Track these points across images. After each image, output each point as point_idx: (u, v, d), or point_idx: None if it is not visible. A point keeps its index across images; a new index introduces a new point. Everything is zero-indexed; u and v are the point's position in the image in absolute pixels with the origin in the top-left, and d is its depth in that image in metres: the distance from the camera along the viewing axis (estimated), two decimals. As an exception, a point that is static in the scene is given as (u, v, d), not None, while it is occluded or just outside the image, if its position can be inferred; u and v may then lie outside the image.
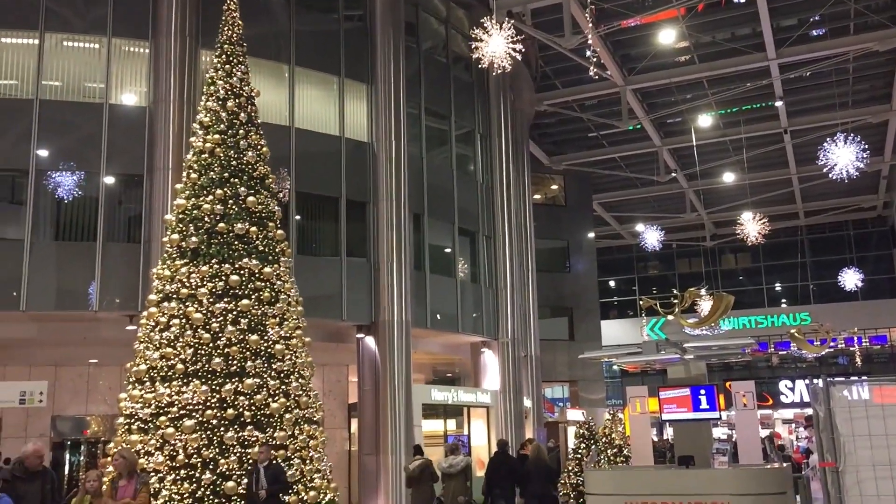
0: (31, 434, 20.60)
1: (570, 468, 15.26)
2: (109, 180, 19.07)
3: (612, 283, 51.05)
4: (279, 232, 15.49)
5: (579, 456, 15.11)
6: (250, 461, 13.18)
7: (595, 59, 19.68)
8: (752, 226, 27.38)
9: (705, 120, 32.06)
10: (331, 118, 21.61)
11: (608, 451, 15.29)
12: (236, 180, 15.05)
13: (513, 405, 24.50)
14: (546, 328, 32.50)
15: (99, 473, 8.39)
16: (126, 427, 13.71)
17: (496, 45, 15.33)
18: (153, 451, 13.17)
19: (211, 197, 14.81)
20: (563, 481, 15.36)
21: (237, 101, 15.56)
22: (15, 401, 19.59)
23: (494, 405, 24.21)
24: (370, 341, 20.82)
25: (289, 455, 13.72)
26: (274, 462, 12.00)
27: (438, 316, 22.85)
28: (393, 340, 20.53)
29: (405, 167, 21.72)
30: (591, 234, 39.14)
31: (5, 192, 19.86)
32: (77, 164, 18.57)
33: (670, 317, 14.73)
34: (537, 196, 36.61)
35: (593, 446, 15.18)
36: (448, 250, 24.35)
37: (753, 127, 33.21)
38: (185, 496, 12.81)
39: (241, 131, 15.40)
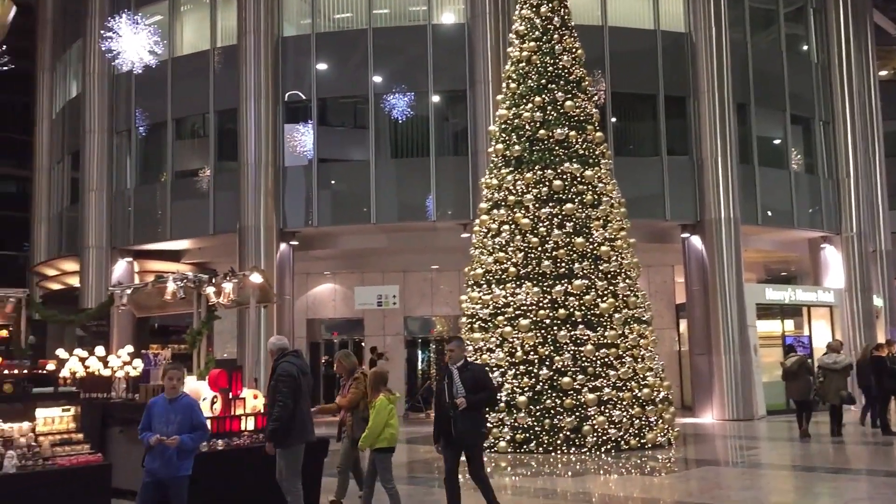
0: (387, 333, 23.26)
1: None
2: (436, 98, 20.31)
3: (982, 165, 43.86)
4: (598, 134, 15.51)
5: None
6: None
7: None
8: None
9: None
10: (644, 12, 20.76)
11: None
12: (553, 86, 15.27)
13: (860, 304, 22.45)
14: (899, 220, 29.01)
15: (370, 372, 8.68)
16: (469, 326, 14.93)
17: None
18: (494, 349, 14.23)
19: (530, 105, 15.21)
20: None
21: (550, 5, 15.61)
22: (374, 303, 22.25)
23: (838, 304, 22.38)
24: (696, 240, 20.19)
25: (620, 353, 14.02)
26: (471, 362, 8.67)
27: (770, 212, 21.43)
28: (721, 239, 19.73)
29: (727, 55, 20.30)
30: (955, 110, 33.75)
31: (349, 118, 22.07)
32: (407, 85, 19.98)
33: None
34: (884, 72, 32.26)
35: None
36: (778, 141, 22.55)
37: None
38: (525, 390, 13.73)
39: (555, 36, 15.49)
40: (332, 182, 20.50)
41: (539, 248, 14.41)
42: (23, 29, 22.95)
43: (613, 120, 19.99)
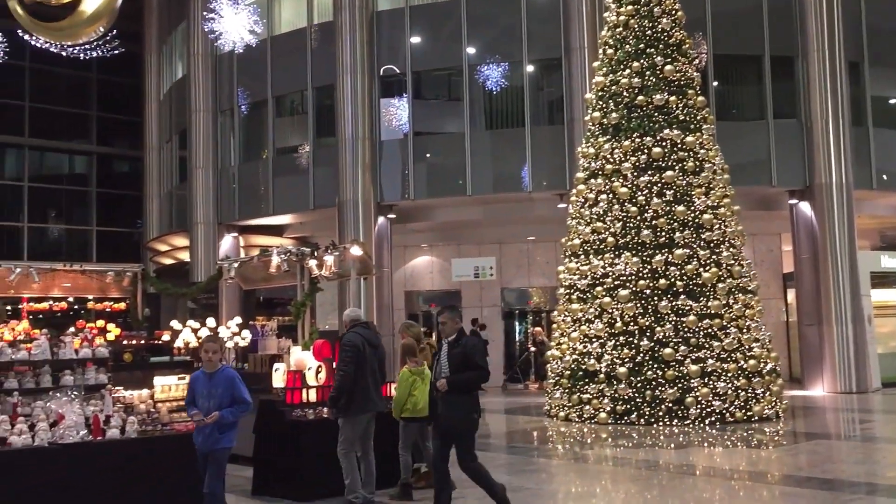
0: (485, 304, 23.34)
1: None
2: (531, 67, 20.07)
3: None
4: (699, 99, 15.03)
5: None
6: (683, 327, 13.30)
7: None
8: None
9: None
10: (748, -32, 19.91)
11: None
12: (652, 50, 14.86)
13: None
14: None
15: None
16: (566, 297, 14.82)
17: None
18: (593, 319, 14.09)
19: (628, 71, 14.87)
20: None
21: (648, -34, 15.14)
22: (470, 275, 22.35)
23: (962, 272, 21.12)
24: (805, 207, 19.37)
25: (725, 324, 13.66)
26: (468, 337, 7.59)
27: (885, 175, 20.32)
28: (832, 204, 18.85)
29: (838, 11, 19.22)
30: None
31: (444, 90, 22.09)
32: (501, 55, 19.81)
33: None
34: None
35: None
36: (895, 100, 21.30)
37: None
38: (625, 360, 13.57)
39: (654, -2, 15.04)
40: (428, 155, 20.61)
41: (638, 218, 14.14)
42: (130, 13, 23.78)
43: (715, 84, 19.30)
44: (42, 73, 31.50)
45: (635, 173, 14.35)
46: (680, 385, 13.30)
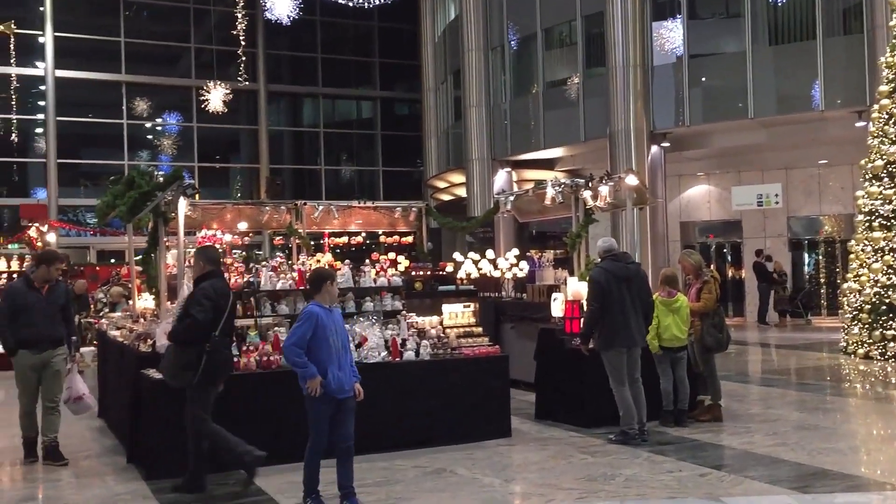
0: (768, 234, 21.94)
1: None
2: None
3: None
4: None
5: None
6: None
7: None
8: None
9: None
10: None
11: None
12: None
13: None
14: None
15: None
16: (867, 224, 13.52)
17: None
18: (898, 248, 12.74)
19: (946, -37, 12.92)
20: None
21: None
22: (753, 203, 21.08)
23: None
24: None
25: None
26: (213, 278, 6.31)
27: None
28: None
29: None
30: None
31: (721, 7, 20.68)
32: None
33: None
34: None
35: None
36: None
37: None
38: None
39: None
40: (704, 78, 19.53)
41: (959, 132, 12.43)
42: (406, -39, 24.92)
43: None
44: (331, 25, 34.11)
45: (954, 82, 12.58)
46: None
